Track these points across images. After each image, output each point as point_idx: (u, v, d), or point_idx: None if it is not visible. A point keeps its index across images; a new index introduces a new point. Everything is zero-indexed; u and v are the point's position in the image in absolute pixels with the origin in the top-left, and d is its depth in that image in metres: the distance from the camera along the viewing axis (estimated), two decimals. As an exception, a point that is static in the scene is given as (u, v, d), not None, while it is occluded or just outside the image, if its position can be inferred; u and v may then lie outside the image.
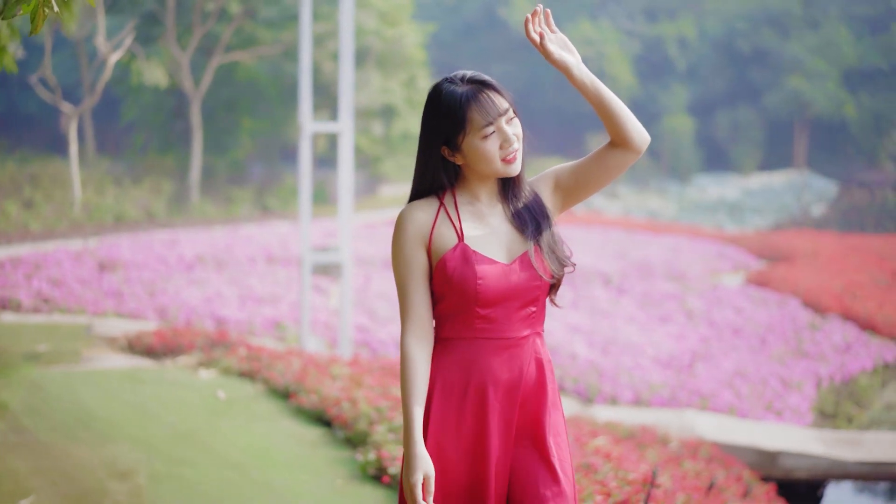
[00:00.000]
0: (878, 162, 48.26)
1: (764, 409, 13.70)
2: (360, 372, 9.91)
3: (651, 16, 60.09)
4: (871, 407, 15.62)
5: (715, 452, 10.28)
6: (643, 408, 13.07)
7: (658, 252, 26.18)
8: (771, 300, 20.62)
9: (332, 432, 8.34)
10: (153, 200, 29.92)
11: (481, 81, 3.48)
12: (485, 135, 3.44)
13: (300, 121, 11.74)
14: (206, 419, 8.52)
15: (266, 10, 33.81)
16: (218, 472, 7.22)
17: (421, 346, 3.51)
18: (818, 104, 51.53)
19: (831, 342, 17.56)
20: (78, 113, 28.03)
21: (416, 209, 3.56)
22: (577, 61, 3.49)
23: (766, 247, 29.69)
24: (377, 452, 7.32)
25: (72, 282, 16.66)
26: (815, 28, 54.27)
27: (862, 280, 23.29)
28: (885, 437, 11.95)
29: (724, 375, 14.81)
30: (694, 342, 16.85)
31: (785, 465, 10.94)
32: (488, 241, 3.52)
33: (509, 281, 3.48)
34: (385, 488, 7.02)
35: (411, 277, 3.53)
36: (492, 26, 58.79)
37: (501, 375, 3.50)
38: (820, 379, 15.58)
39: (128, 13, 32.42)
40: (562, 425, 3.60)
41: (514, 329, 3.51)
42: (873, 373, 16.70)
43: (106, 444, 7.45)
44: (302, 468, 7.43)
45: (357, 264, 20.94)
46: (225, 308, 15.66)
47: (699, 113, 55.98)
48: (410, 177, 17.14)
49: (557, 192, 3.65)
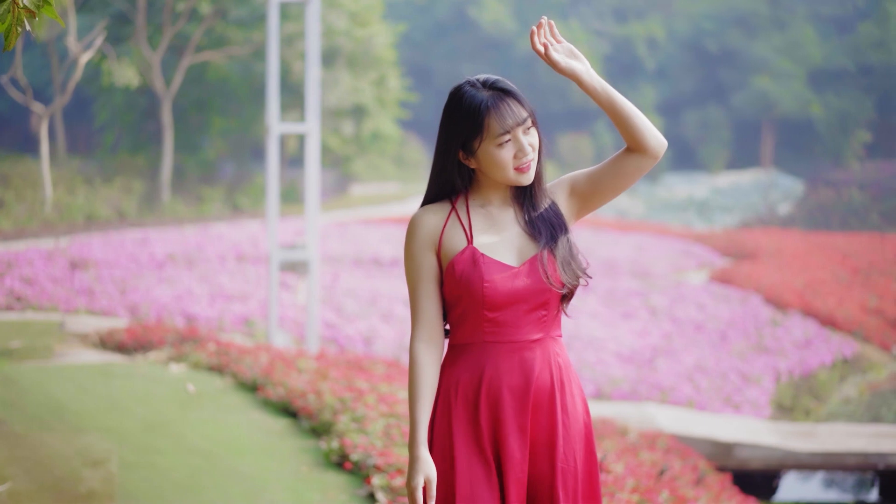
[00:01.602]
0: (843, 161, 48.75)
1: (722, 402, 13.95)
2: (325, 366, 10.19)
3: (620, 16, 60.48)
4: (828, 401, 15.91)
5: (672, 444, 10.51)
6: (604, 401, 13.35)
7: (624, 250, 26.46)
8: (733, 297, 20.86)
9: (297, 423, 8.62)
10: (124, 200, 30.04)
11: (503, 89, 3.48)
12: (500, 143, 3.45)
13: (268, 122, 12.00)
14: (176, 411, 8.78)
15: (236, 11, 33.96)
16: (187, 461, 7.50)
17: (429, 351, 3.53)
18: (785, 104, 51.99)
19: (791, 338, 17.81)
20: (49, 113, 28.14)
21: (428, 213, 3.57)
22: (586, 68, 3.50)
23: (732, 245, 29.92)
24: (340, 441, 7.63)
25: (44, 280, 16.85)
26: (781, 28, 54.73)
27: (824, 277, 23.60)
28: (839, 429, 12.27)
29: (685, 370, 15.05)
30: (656, 338, 17.05)
31: (740, 456, 11.21)
32: (498, 244, 3.52)
33: (517, 284, 3.48)
34: (347, 474, 7.32)
35: (421, 281, 3.55)
36: (463, 26, 59.06)
37: (513, 379, 3.49)
38: (779, 373, 15.78)
39: (98, 13, 32.51)
40: (579, 431, 3.57)
41: (525, 332, 3.50)
42: (832, 368, 16.96)
43: (79, 435, 7.71)
44: (268, 456, 7.72)
45: (326, 262, 21.19)
46: (195, 305, 15.88)
47: (668, 113, 56.38)
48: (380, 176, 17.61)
49: (573, 199, 3.65)
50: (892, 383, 16.75)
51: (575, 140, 52.92)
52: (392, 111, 40.57)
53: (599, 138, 54.53)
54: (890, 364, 18.24)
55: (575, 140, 52.92)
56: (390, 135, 40.27)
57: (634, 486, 7.35)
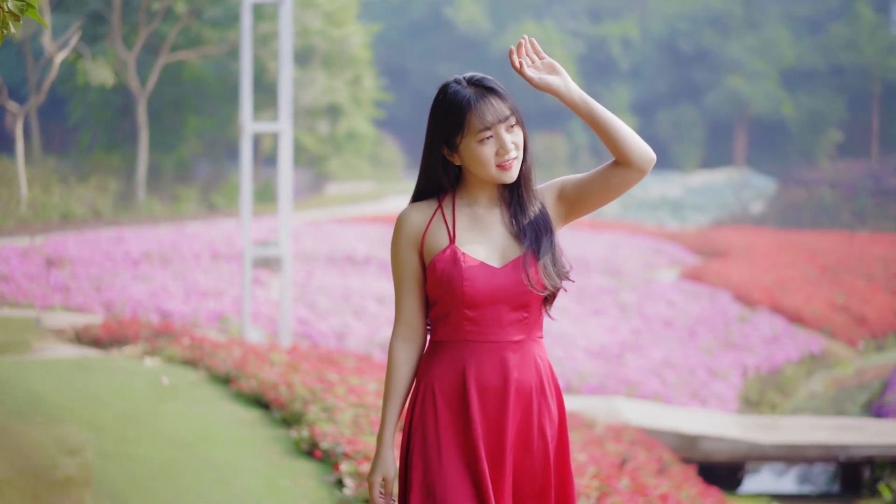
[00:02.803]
0: (815, 160, 49.10)
1: (689, 396, 14.12)
2: (297, 359, 10.39)
3: (595, 16, 60.72)
4: (794, 395, 16.12)
5: (638, 436, 10.65)
6: (573, 395, 13.55)
7: (597, 248, 26.67)
8: (703, 294, 21.04)
9: (269, 413, 8.84)
10: (99, 198, 30.09)
11: (487, 86, 3.50)
12: (481, 139, 3.45)
13: (241, 121, 12.22)
14: (150, 403, 8.98)
15: (211, 10, 34.06)
16: (162, 450, 7.71)
17: (406, 349, 3.57)
18: (757, 103, 52.34)
19: (759, 334, 17.99)
20: (24, 111, 28.15)
21: (413, 211, 3.58)
22: (565, 82, 3.49)
23: (704, 243, 30.13)
24: (310, 430, 7.87)
25: (20, 277, 16.98)
26: (755, 28, 55.08)
27: (793, 275, 23.82)
28: (802, 422, 12.48)
29: (653, 365, 15.21)
30: (625, 334, 17.19)
31: (705, 449, 11.39)
32: (481, 243, 3.52)
33: (497, 283, 3.47)
34: (316, 462, 7.56)
35: (403, 279, 3.57)
36: (438, 26, 59.23)
37: (491, 379, 3.49)
38: (746, 369, 15.94)
39: (73, 12, 32.56)
40: (554, 435, 3.57)
41: (505, 333, 3.49)
42: (799, 363, 17.14)
43: (56, 425, 7.90)
44: (241, 445, 7.94)
45: (301, 260, 21.37)
46: (170, 302, 16.04)
47: (642, 112, 56.65)
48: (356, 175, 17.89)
49: (561, 203, 3.62)
50: (858, 378, 16.86)
51: (550, 140, 53.12)
52: (367, 111, 40.75)
53: (574, 138, 54.76)
54: (856, 360, 18.43)
55: (550, 140, 53.12)
56: (365, 134, 40.45)
57: (595, 473, 7.58)
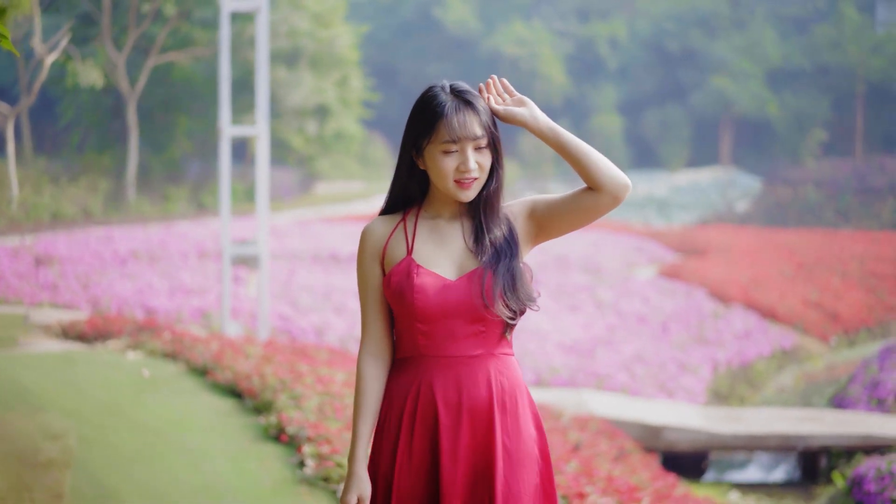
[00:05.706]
0: (800, 159, 49.47)
1: (657, 389, 14.35)
2: (272, 352, 10.83)
3: (583, 16, 61.07)
4: (764, 389, 16.43)
5: (603, 426, 10.89)
6: (543, 388, 13.91)
7: (579, 247, 26.82)
8: (679, 291, 21.24)
9: (242, 403, 9.28)
10: (90, 199, 30.47)
11: (466, 100, 3.44)
12: (445, 150, 3.39)
13: (219, 125, 12.71)
14: (131, 394, 9.42)
15: (200, 12, 34.45)
16: (140, 437, 8.16)
17: (374, 364, 3.51)
18: (743, 103, 52.71)
19: (732, 329, 18.19)
20: (15, 113, 28.56)
21: (377, 223, 3.53)
22: (531, 112, 3.50)
23: (686, 241, 30.42)
24: (278, 416, 8.35)
25: (9, 276, 17.38)
26: (741, 28, 55.46)
27: (769, 272, 24.01)
28: (763, 413, 12.81)
29: (623, 359, 15.41)
30: (600, 330, 17.38)
31: (668, 439, 11.70)
32: (438, 256, 3.46)
33: (450, 297, 3.40)
34: (283, 446, 8.05)
35: (367, 293, 3.52)
36: (427, 27, 59.57)
37: (447, 395, 3.41)
38: (717, 363, 16.14)
39: (64, 14, 32.95)
40: (529, 454, 3.47)
41: (462, 348, 3.42)
42: (770, 358, 17.36)
43: (40, 413, 8.36)
44: (213, 432, 8.40)
45: (285, 258, 21.82)
46: (155, 299, 16.44)
47: (629, 112, 57.01)
48: (344, 174, 18.52)
49: (531, 222, 3.55)
50: (828, 373, 16.91)
51: (536, 140, 53.35)
52: (355, 111, 41.16)
53: (562, 137, 54.98)
54: (827, 355, 18.64)
55: (536, 140, 53.35)
56: (353, 134, 40.87)
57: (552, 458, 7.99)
